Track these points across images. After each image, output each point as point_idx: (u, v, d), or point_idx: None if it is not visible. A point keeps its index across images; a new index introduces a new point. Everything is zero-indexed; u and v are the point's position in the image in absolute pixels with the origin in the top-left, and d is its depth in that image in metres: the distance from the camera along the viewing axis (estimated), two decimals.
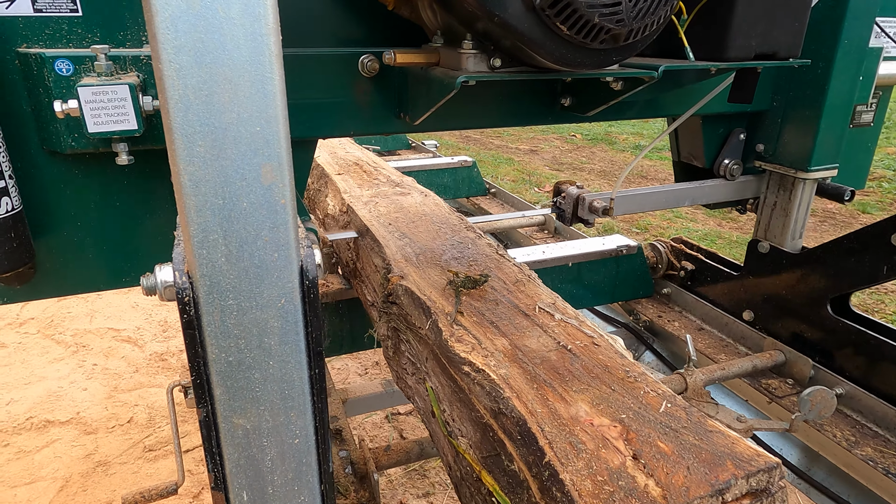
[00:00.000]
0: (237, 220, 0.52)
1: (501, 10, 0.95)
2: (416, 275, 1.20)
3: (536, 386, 0.82)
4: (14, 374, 3.19)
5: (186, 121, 0.49)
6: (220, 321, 0.53)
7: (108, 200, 1.28)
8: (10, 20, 1.09)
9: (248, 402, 0.56)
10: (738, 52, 1.25)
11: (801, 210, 1.80)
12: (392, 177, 1.99)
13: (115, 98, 1.05)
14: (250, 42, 0.48)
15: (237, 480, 0.59)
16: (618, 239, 2.20)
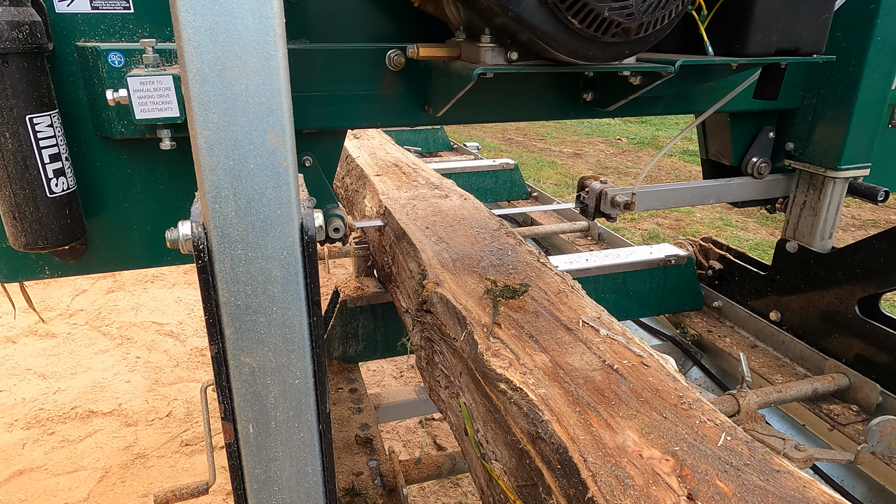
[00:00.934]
0: (245, 179, 0.58)
1: (515, 4, 0.98)
2: (453, 282, 1.14)
3: (579, 409, 0.75)
4: (62, 363, 3.29)
5: (203, 91, 0.56)
6: (231, 268, 0.60)
7: (151, 183, 1.36)
8: (70, 17, 1.18)
9: (254, 343, 0.62)
10: (758, 48, 1.24)
11: (831, 210, 1.76)
12: (431, 179, 1.94)
13: (160, 87, 1.12)
14: (258, 24, 0.54)
15: (244, 414, 0.65)
16: (666, 248, 2.09)
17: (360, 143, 2.54)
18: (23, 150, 1.13)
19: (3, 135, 1.11)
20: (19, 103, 1.11)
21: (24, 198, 1.15)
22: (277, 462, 0.67)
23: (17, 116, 1.11)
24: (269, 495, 0.67)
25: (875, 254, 1.57)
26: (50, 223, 1.19)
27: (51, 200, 1.18)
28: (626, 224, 6.01)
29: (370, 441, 1.46)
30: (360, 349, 1.81)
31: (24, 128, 1.12)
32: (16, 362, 3.25)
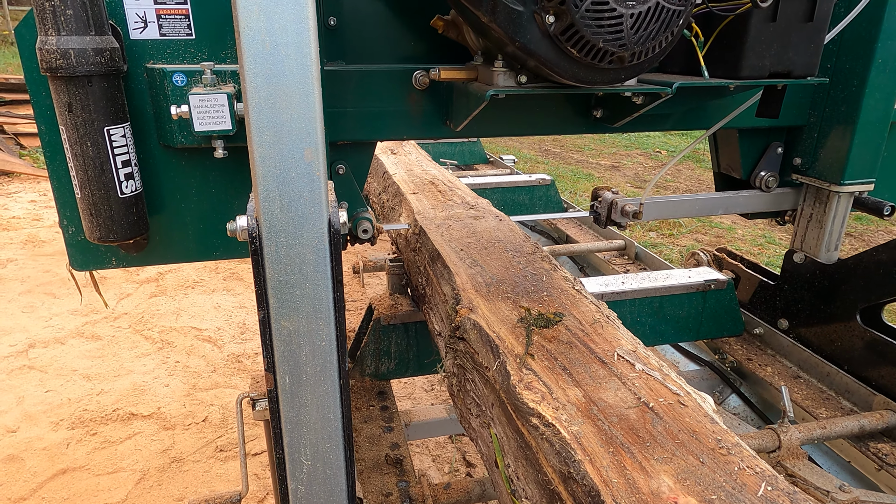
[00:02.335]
0: (288, 184, 0.74)
1: (522, 36, 1.13)
2: (486, 308, 1.14)
3: (613, 450, 0.74)
4: (106, 366, 3.41)
5: (259, 119, 0.72)
6: (275, 252, 0.76)
7: (204, 186, 1.53)
8: (141, 42, 1.36)
9: (291, 311, 0.77)
10: (752, 71, 1.36)
11: (836, 223, 1.84)
12: (467, 198, 1.95)
13: (216, 104, 1.30)
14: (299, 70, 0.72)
15: (282, 367, 0.80)
16: (706, 272, 2.04)
17: (397, 158, 2.56)
18: (100, 157, 1.31)
19: (85, 143, 1.28)
20: (99, 117, 1.28)
21: (99, 197, 1.33)
22: (306, 408, 0.81)
23: (97, 128, 1.28)
24: (300, 435, 0.82)
25: (876, 265, 1.65)
26: (120, 220, 1.36)
27: (122, 200, 1.36)
28: (664, 240, 5.90)
29: (400, 462, 1.46)
30: (392, 367, 1.82)
31: (102, 138, 1.30)
32: (63, 363, 3.38)
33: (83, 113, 1.26)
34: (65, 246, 1.49)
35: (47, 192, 6.37)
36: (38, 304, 3.98)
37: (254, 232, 0.74)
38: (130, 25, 1.36)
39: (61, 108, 1.26)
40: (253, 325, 4.00)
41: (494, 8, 1.13)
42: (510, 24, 1.14)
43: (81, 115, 1.25)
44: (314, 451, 0.83)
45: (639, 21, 1.13)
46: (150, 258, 1.55)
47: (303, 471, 0.84)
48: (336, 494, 0.85)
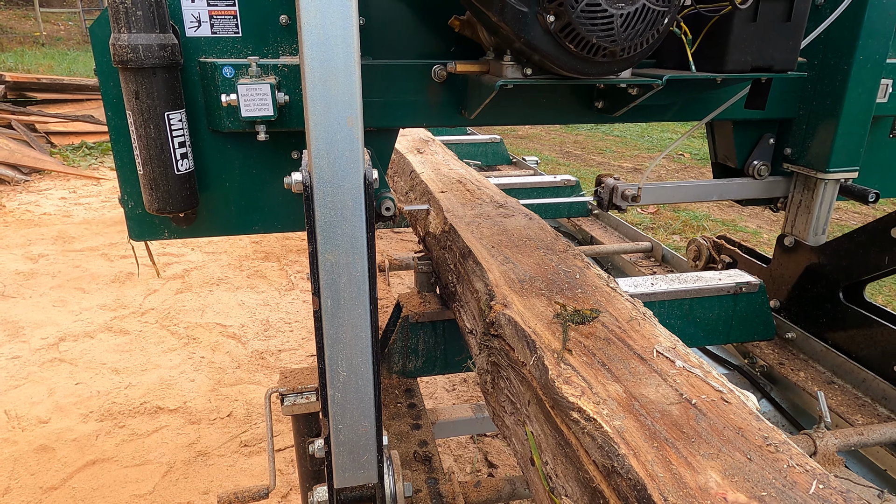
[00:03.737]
0: (334, 144, 0.89)
1: (526, 34, 1.30)
2: (521, 304, 1.14)
3: (657, 445, 0.73)
4: (133, 360, 3.46)
5: (314, 93, 0.87)
6: (322, 199, 0.90)
7: (247, 167, 1.70)
8: (195, 39, 1.55)
9: (334, 246, 0.92)
10: (735, 66, 1.50)
11: (823, 208, 1.96)
12: (496, 197, 1.95)
13: (260, 93, 1.48)
14: (344, 57, 0.88)
15: (325, 292, 0.94)
16: (736, 275, 2.01)
17: (423, 158, 2.57)
18: (161, 138, 1.49)
19: (149, 126, 1.47)
20: (161, 103, 1.46)
21: (159, 174, 1.51)
22: (343, 327, 0.96)
23: (159, 113, 1.47)
24: (338, 350, 0.97)
25: (856, 246, 1.80)
26: (175, 194, 1.55)
27: (177, 177, 1.54)
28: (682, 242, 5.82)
29: (429, 459, 1.46)
30: (420, 364, 1.83)
31: (163, 122, 1.48)
32: (93, 356, 3.45)
33: (148, 99, 1.44)
34: (125, 219, 1.67)
35: (77, 189, 6.52)
36: (69, 299, 4.07)
37: (307, 182, 0.90)
38: (186, 24, 1.53)
39: (129, 95, 1.44)
40: (276, 323, 4.04)
41: (503, 9, 1.28)
42: (516, 23, 1.29)
43: (146, 101, 1.44)
44: (349, 364, 0.99)
45: (627, 20, 1.29)
46: (197, 230, 1.72)
47: (339, 380, 0.99)
48: (365, 401, 1.02)
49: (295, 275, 4.75)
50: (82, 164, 7.27)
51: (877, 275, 1.75)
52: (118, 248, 4.94)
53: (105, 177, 6.98)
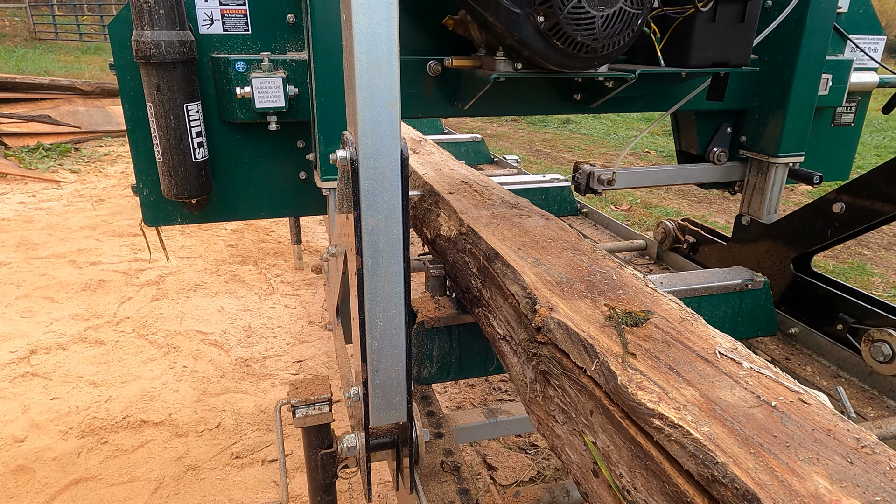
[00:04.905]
0: (377, 125, 0.99)
1: (518, 32, 1.48)
2: (566, 307, 1.11)
3: (753, 451, 0.71)
4: (112, 371, 3.31)
5: (361, 81, 0.96)
6: (365, 172, 1.00)
7: (255, 156, 1.82)
8: (208, 36, 1.66)
9: (374, 211, 1.02)
10: (698, 61, 1.71)
11: (775, 189, 2.20)
12: (506, 197, 1.92)
13: (273, 86, 1.62)
14: (386, 50, 0.97)
15: (366, 252, 1.04)
16: (742, 272, 2.04)
17: (421, 158, 2.53)
18: (180, 128, 1.59)
19: (169, 117, 1.57)
20: (180, 96, 1.56)
21: (178, 161, 1.61)
22: (381, 282, 1.07)
23: (179, 104, 1.57)
24: (376, 303, 1.08)
25: (803, 222, 2.00)
26: (192, 180, 1.66)
27: (194, 164, 1.65)
28: None
29: (458, 469, 1.42)
30: (434, 371, 1.79)
31: (182, 112, 1.58)
32: (68, 369, 3.28)
33: (168, 92, 1.54)
34: (140, 205, 1.78)
35: (36, 193, 6.22)
36: (37, 309, 3.86)
37: (353, 157, 1.00)
38: (200, 22, 1.64)
39: (151, 88, 1.53)
40: (258, 328, 3.93)
41: (498, 10, 1.45)
42: (510, 23, 1.46)
43: (167, 93, 1.54)
44: (385, 315, 1.09)
45: (607, 21, 1.48)
46: (208, 216, 1.83)
47: (377, 329, 1.10)
48: (398, 348, 1.13)
49: (274, 278, 4.64)
50: (40, 167, 6.94)
51: (821, 246, 1.96)
52: (86, 254, 4.72)
53: (66, 180, 6.68)
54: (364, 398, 1.17)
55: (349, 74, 0.98)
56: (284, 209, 1.92)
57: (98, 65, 17.35)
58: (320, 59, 1.65)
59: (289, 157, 1.85)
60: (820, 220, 1.92)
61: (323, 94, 1.66)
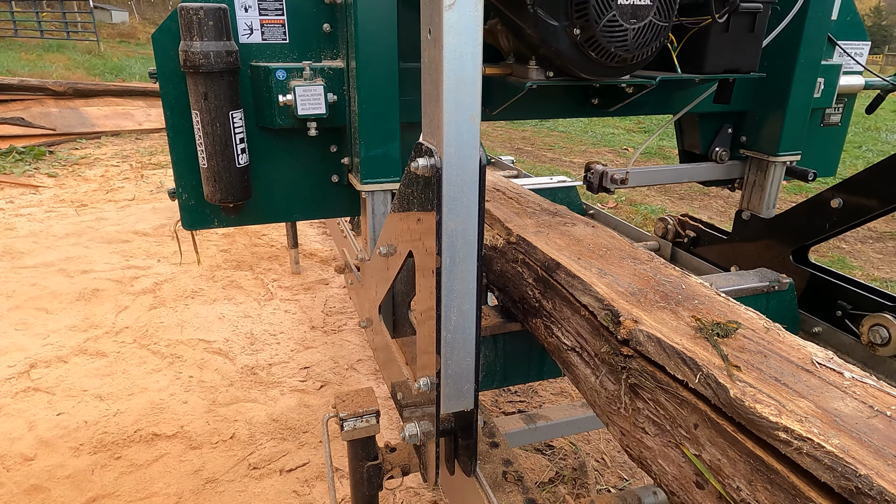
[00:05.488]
0: (461, 135, 1.03)
1: (555, 43, 1.59)
2: (650, 319, 1.13)
3: (891, 463, 0.74)
4: (117, 384, 3.23)
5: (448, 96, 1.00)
6: (448, 179, 1.05)
7: (290, 161, 1.86)
8: (247, 45, 1.70)
9: (454, 214, 1.07)
10: (712, 68, 1.84)
11: (774, 186, 2.33)
12: (543, 204, 1.93)
13: (314, 94, 1.68)
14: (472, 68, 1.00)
15: (446, 252, 1.09)
16: (768, 273, 2.09)
17: None
18: (226, 135, 1.63)
19: (216, 124, 1.61)
20: (226, 103, 1.60)
21: (223, 167, 1.66)
22: (456, 281, 1.13)
23: (225, 112, 1.61)
24: (452, 298, 1.14)
25: (801, 216, 2.12)
26: (237, 185, 1.70)
27: (238, 170, 1.69)
28: None
29: (521, 478, 1.43)
30: (480, 379, 1.79)
31: (227, 120, 1.62)
32: (71, 383, 3.18)
33: (215, 100, 1.58)
34: (179, 209, 1.81)
35: (14, 198, 6.01)
36: (32, 321, 3.74)
37: (438, 165, 1.04)
38: (240, 32, 1.67)
39: (198, 97, 1.56)
40: (261, 335, 3.88)
41: (536, 22, 1.55)
42: (547, 34, 1.56)
43: (214, 101, 1.58)
44: (459, 310, 1.16)
45: (638, 33, 1.58)
46: (244, 219, 1.87)
47: (451, 323, 1.16)
48: (469, 341, 1.20)
49: (272, 283, 4.58)
50: (16, 171, 6.70)
51: (819, 239, 2.09)
52: (76, 262, 4.58)
53: (44, 184, 6.47)
54: (437, 387, 1.23)
55: (434, 89, 1.03)
56: (316, 211, 1.97)
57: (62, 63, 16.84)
58: (363, 67, 1.68)
59: (322, 161, 1.90)
60: (819, 214, 2.04)
61: (365, 101, 1.70)
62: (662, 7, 1.62)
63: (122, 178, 6.97)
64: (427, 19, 1.02)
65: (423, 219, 1.14)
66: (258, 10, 1.67)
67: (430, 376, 1.24)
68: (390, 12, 1.64)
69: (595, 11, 1.54)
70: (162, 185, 6.77)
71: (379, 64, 1.68)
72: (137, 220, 5.61)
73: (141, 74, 16.19)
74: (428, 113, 1.07)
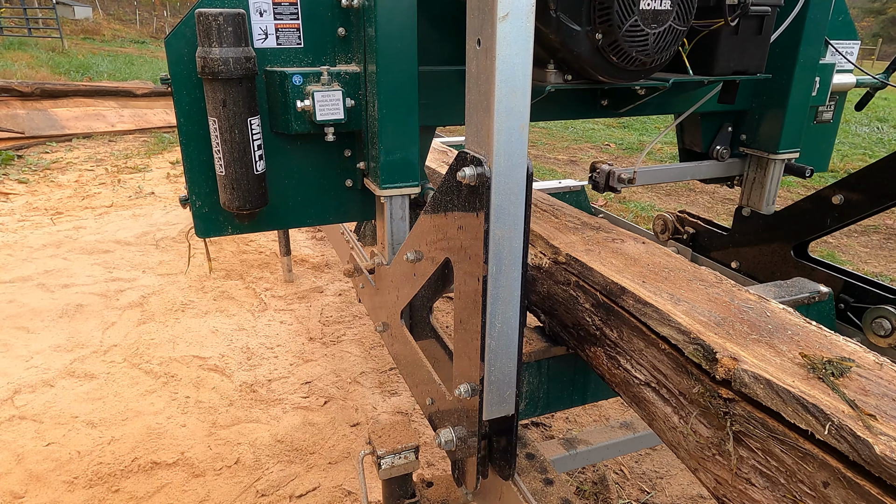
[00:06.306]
0: (510, 144, 1.03)
1: (578, 48, 1.60)
2: (750, 355, 1.03)
3: None
4: (109, 408, 3.03)
5: (500, 105, 1.00)
6: (496, 187, 1.05)
7: (305, 167, 1.83)
8: (262, 50, 1.65)
9: (500, 223, 1.07)
10: (721, 70, 1.87)
11: (773, 183, 2.35)
12: (581, 217, 1.82)
13: (332, 99, 1.64)
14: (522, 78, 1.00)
15: (493, 260, 1.10)
16: (808, 284, 2.02)
17: None
18: (244, 142, 1.59)
19: (234, 131, 1.56)
20: (245, 110, 1.56)
21: (241, 174, 1.61)
22: (502, 287, 1.13)
23: (243, 119, 1.57)
24: (497, 306, 1.14)
25: (801, 212, 2.16)
26: (254, 192, 1.66)
27: (255, 177, 1.65)
28: None
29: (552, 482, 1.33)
30: (523, 407, 1.68)
31: (246, 127, 1.58)
32: (60, 409, 2.98)
33: (234, 107, 1.53)
34: (192, 217, 1.76)
35: None
36: (12, 342, 3.50)
37: (488, 174, 1.03)
38: (255, 37, 1.63)
39: (216, 103, 1.52)
40: (257, 349, 3.71)
41: (558, 27, 1.56)
42: (568, 38, 1.58)
43: (232, 108, 1.53)
44: (503, 317, 1.15)
45: (658, 37, 1.61)
46: (258, 225, 1.83)
47: (495, 330, 1.16)
48: (511, 347, 1.20)
49: (264, 293, 4.40)
50: None
51: (820, 234, 2.13)
52: (55, 276, 4.34)
53: (14, 191, 6.15)
54: (480, 394, 1.23)
55: (484, 99, 1.03)
56: (330, 216, 1.94)
57: (25, 61, 16.20)
58: (384, 72, 1.64)
59: (337, 165, 1.87)
60: (820, 210, 2.09)
61: (385, 105, 1.68)
62: (681, 11, 1.64)
63: (98, 184, 6.68)
64: (476, 29, 1.01)
65: (466, 226, 1.14)
66: (273, 15, 1.64)
67: (472, 382, 1.24)
68: (410, 15, 1.62)
69: (618, 17, 1.56)
70: (141, 191, 6.50)
71: (399, 68, 1.65)
72: (118, 228, 5.36)
73: (109, 73, 15.66)
74: (475, 122, 1.07)
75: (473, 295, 1.15)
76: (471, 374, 1.24)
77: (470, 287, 1.17)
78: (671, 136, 10.31)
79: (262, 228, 1.87)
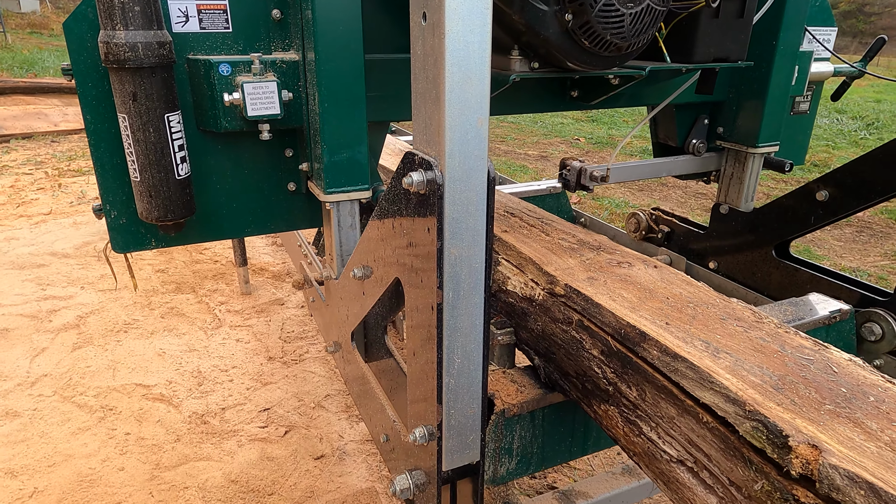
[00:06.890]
0: (466, 144, 0.90)
1: (545, 31, 1.42)
2: (830, 439, 0.76)
3: None
4: (34, 452, 2.64)
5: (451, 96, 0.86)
6: (451, 194, 0.92)
7: (239, 168, 1.63)
8: (183, 35, 1.44)
9: (458, 240, 0.95)
10: (701, 57, 1.72)
11: (752, 178, 2.23)
12: (577, 234, 1.55)
13: (266, 91, 1.44)
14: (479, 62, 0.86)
15: (448, 284, 0.96)
16: (831, 304, 1.79)
17: None
18: (161, 142, 1.38)
19: (148, 130, 1.35)
20: (160, 105, 1.35)
21: (159, 180, 1.41)
22: (461, 316, 0.99)
23: (159, 115, 1.36)
24: (455, 339, 1.00)
25: (783, 209, 2.05)
26: (177, 200, 1.46)
27: (178, 182, 1.45)
28: None
29: None
30: (513, 466, 1.39)
31: (162, 124, 1.37)
32: None
33: (147, 101, 1.33)
34: (107, 230, 1.55)
35: None
36: None
37: (439, 180, 0.89)
38: (173, 20, 1.42)
39: (125, 97, 1.32)
40: (209, 372, 3.35)
41: (523, 7, 1.39)
42: (535, 20, 1.40)
43: (145, 103, 1.32)
44: (463, 351, 1.01)
45: (635, 18, 1.45)
46: (187, 237, 1.63)
47: (454, 367, 1.01)
48: (475, 385, 1.05)
49: (219, 308, 4.03)
50: None
51: (803, 232, 2.02)
52: None
53: None
54: (438, 440, 1.08)
55: (432, 88, 0.87)
56: (271, 224, 1.74)
57: None
58: (324, 60, 1.45)
59: (277, 167, 1.68)
60: (804, 207, 1.99)
61: (327, 98, 1.50)
62: None
63: (37, 189, 6.15)
64: (421, 1, 0.86)
65: (417, 243, 0.98)
66: None
67: (429, 426, 1.09)
68: None
69: None
70: (84, 196, 6.01)
71: (342, 55, 1.46)
72: (55, 238, 4.89)
73: (55, 69, 14.85)
74: (423, 116, 0.92)
75: (427, 326, 1.00)
76: (427, 416, 1.09)
77: (423, 316, 1.01)
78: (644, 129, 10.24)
79: (192, 240, 1.67)
